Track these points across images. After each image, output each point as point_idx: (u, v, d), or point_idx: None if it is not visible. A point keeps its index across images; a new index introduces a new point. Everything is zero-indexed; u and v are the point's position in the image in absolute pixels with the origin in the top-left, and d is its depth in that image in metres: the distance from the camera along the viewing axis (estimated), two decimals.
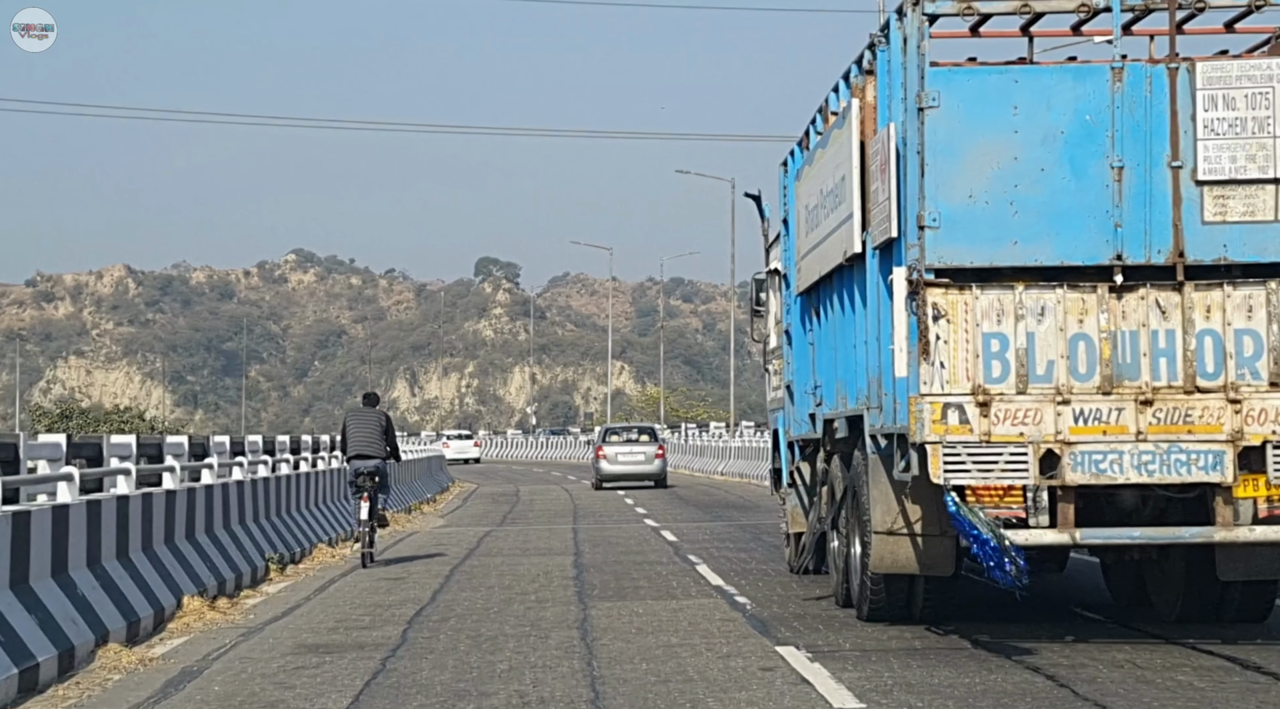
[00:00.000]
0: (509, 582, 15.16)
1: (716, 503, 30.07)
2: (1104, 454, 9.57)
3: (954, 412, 9.66)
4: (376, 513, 17.50)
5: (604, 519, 25.69)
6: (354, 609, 13.16)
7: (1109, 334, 9.62)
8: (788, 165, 14.69)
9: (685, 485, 38.81)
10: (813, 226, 12.94)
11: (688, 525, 23.19)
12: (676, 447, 55.07)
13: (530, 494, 36.21)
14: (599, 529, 23.00)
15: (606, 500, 32.05)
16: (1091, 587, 13.57)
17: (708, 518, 25.12)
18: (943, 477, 9.62)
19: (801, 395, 14.05)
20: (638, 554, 18.10)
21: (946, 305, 9.73)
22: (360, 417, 17.83)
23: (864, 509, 11.16)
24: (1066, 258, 9.67)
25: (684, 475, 46.66)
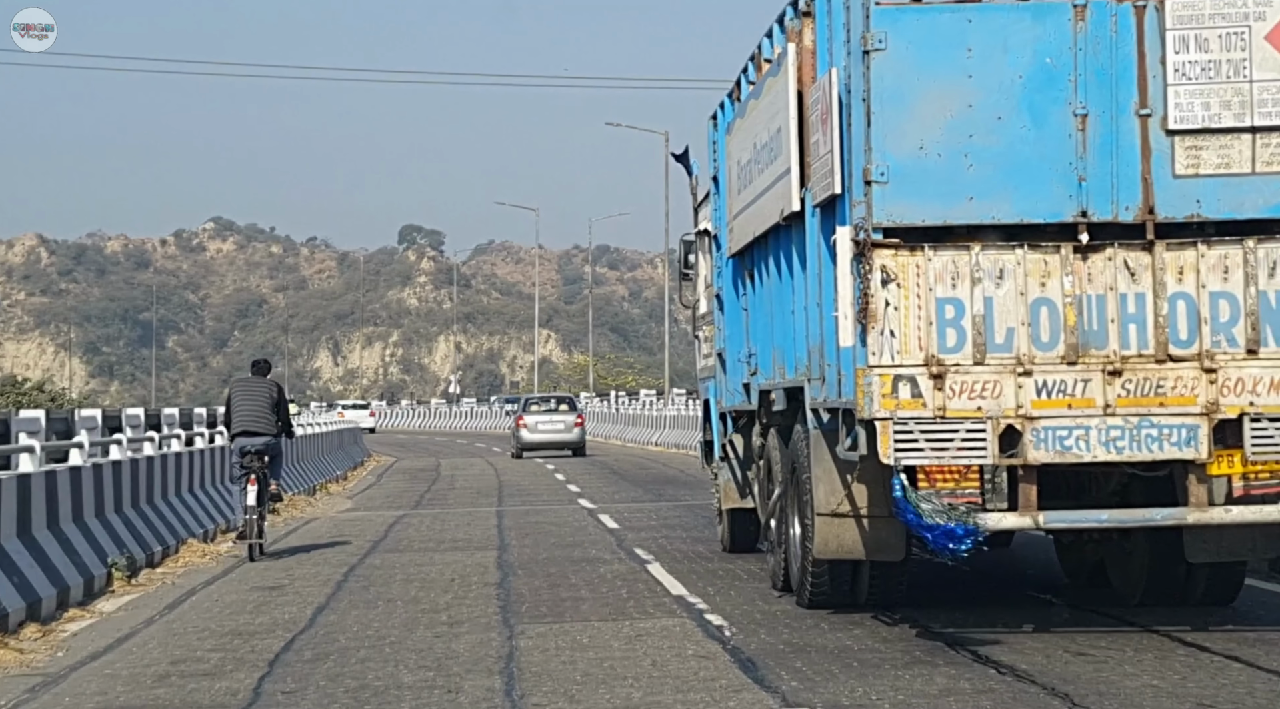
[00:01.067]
0: (416, 591, 12.15)
1: (655, 478, 27.73)
2: (1069, 430, 8.76)
3: (905, 384, 8.82)
4: (267, 497, 15.20)
5: (533, 499, 23.15)
6: (204, 639, 10.05)
7: (1074, 298, 8.80)
8: (717, 119, 13.77)
9: (619, 458, 36.82)
10: (746, 184, 12.05)
11: (628, 507, 20.70)
12: (607, 416, 53.70)
13: (452, 469, 33.92)
14: (528, 513, 20.31)
15: (534, 476, 29.79)
16: (1043, 562, 12.82)
17: (649, 497, 22.75)
18: (893, 456, 8.78)
19: (734, 364, 13.19)
20: (575, 547, 15.38)
21: (896, 268, 8.87)
22: (248, 388, 15.40)
23: (805, 489, 10.32)
24: (1027, 215, 8.84)
25: (616, 447, 44.99)
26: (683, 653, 9.04)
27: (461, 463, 36.89)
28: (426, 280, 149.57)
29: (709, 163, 14.18)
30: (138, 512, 14.51)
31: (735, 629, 9.81)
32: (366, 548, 15.96)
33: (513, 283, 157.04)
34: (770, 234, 11.32)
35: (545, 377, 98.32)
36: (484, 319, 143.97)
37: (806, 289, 10.26)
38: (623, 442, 47.33)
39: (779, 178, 10.64)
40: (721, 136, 13.44)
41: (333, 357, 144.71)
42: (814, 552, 10.05)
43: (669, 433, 41.81)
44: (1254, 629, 9.35)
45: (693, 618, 10.39)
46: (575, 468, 32.18)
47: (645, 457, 37.26)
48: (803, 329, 10.48)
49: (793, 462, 10.80)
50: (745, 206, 12.07)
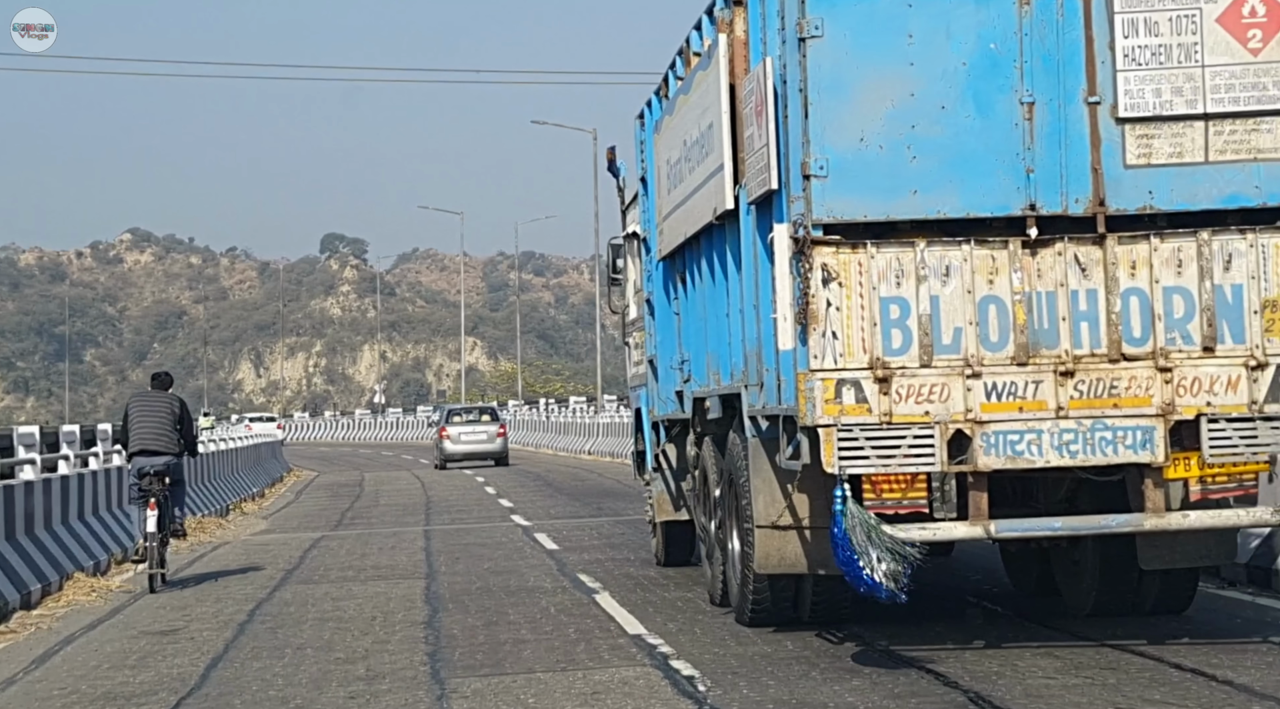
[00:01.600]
0: (330, 634, 10.56)
1: (592, 491, 26.06)
2: (1020, 434, 8.35)
3: (849, 389, 8.38)
4: (170, 524, 13.92)
5: (462, 516, 21.64)
6: (70, 707, 8.58)
7: (1023, 296, 8.39)
8: (644, 118, 13.30)
9: (552, 468, 35.40)
10: (676, 183, 11.58)
11: (566, 524, 19.23)
12: (537, 424, 52.71)
13: (376, 483, 32.50)
14: (458, 532, 18.76)
15: (463, 490, 28.26)
16: (987, 569, 12.45)
17: (587, 512, 21.23)
18: (837, 465, 8.33)
19: (666, 371, 12.71)
20: (512, 574, 13.90)
21: (838, 266, 8.42)
22: (147, 403, 14.07)
23: (744, 500, 9.86)
24: (973, 209, 8.42)
25: (548, 456, 43.45)
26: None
27: (386, 476, 35.71)
28: (350, 289, 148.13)
29: (636, 163, 13.70)
30: (13, 545, 13.11)
31: (710, 682, 8.30)
32: (278, 578, 14.52)
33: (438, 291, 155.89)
34: (702, 235, 10.86)
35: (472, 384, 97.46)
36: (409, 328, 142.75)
37: (742, 291, 9.80)
38: (554, 450, 46.02)
39: (711, 175, 10.19)
40: (649, 135, 12.97)
41: (255, 368, 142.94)
42: (754, 566, 9.59)
43: (602, 441, 40.83)
44: (1211, 642, 8.98)
45: (656, 665, 8.89)
46: (506, 480, 30.84)
47: (579, 466, 35.95)
48: (739, 333, 10.03)
49: (730, 472, 10.35)
50: (675, 207, 11.60)
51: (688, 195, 11.09)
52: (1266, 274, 8.21)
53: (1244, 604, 10.45)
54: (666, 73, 12.19)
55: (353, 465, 43.31)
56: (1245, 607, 10.35)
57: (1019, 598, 11.09)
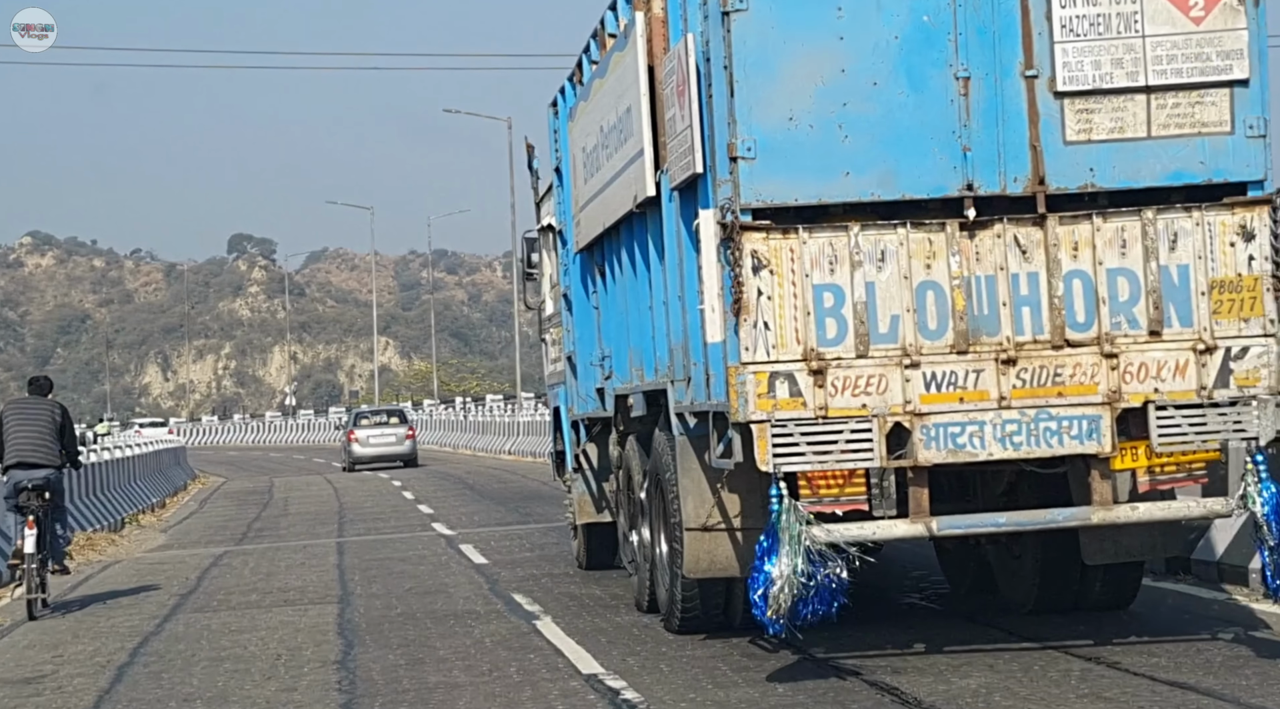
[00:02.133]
0: (225, 679, 9.09)
1: (518, 494, 24.33)
2: (962, 426, 7.95)
3: (783, 382, 7.94)
4: (49, 542, 12.63)
5: (379, 524, 20.14)
6: None
7: (962, 281, 7.99)
8: (558, 105, 12.82)
9: (472, 470, 33.92)
10: (593, 172, 11.10)
11: (492, 532, 17.64)
12: (454, 424, 51.50)
13: (286, 489, 30.82)
14: (374, 544, 17.16)
15: (379, 495, 26.83)
16: (923, 566, 12.08)
17: (514, 518, 19.74)
18: (772, 463, 7.89)
19: (586, 368, 12.24)
20: (438, 595, 12.36)
21: (769, 253, 7.98)
22: (24, 410, 12.82)
23: (671, 502, 9.41)
24: (909, 190, 8.01)
25: (466, 457, 41.98)
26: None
27: (297, 482, 34.23)
28: (259, 290, 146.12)
29: (550, 153, 13.22)
30: None
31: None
32: (170, 605, 12.87)
33: (349, 290, 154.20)
34: (622, 224, 10.39)
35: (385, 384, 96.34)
36: (320, 328, 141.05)
37: (666, 282, 9.35)
38: (473, 451, 44.42)
39: (630, 161, 9.72)
40: (563, 123, 12.48)
41: (163, 372, 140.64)
42: (684, 571, 9.14)
43: (523, 440, 39.54)
44: (1158, 640, 8.63)
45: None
46: (424, 484, 29.31)
47: (500, 467, 34.42)
48: (663, 326, 9.57)
49: (656, 472, 9.88)
50: (593, 197, 11.13)
51: (605, 184, 10.62)
52: (1213, 254, 7.88)
53: (1188, 598, 10.15)
54: (580, 57, 11.71)
55: (262, 470, 41.94)
56: (1190, 601, 10.05)
57: (957, 596, 10.72)
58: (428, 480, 30.82)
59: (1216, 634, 8.65)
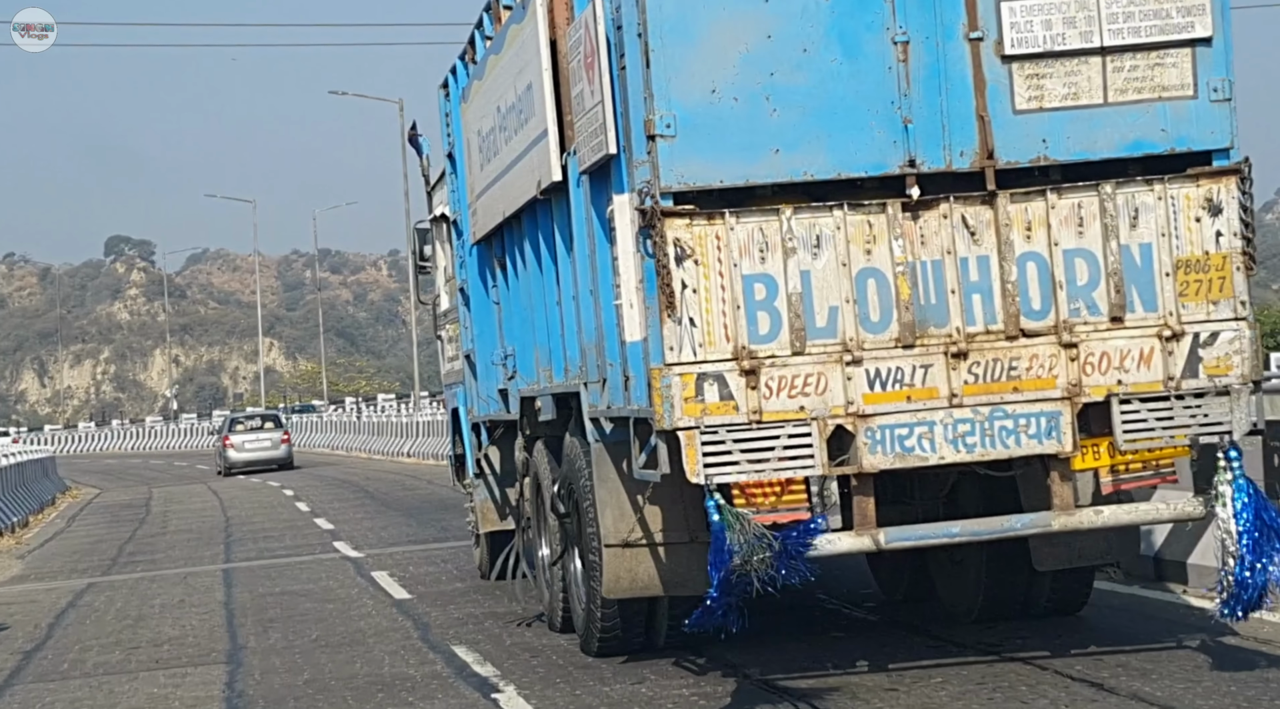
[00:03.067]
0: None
1: (426, 503, 21.84)
2: (910, 427, 7.21)
3: (712, 384, 7.15)
4: None
5: (272, 543, 17.65)
6: None
7: (906, 267, 7.25)
8: (449, 87, 11.93)
9: (370, 475, 31.80)
10: (490, 157, 10.25)
11: (408, 554, 15.20)
12: (347, 425, 49.37)
13: (166, 501, 28.40)
14: (268, 571, 14.79)
15: (270, 507, 24.28)
16: (846, 568, 11.36)
17: (429, 533, 17.17)
18: (703, 474, 7.11)
19: (487, 367, 11.38)
20: (355, 647, 9.94)
21: (693, 241, 7.18)
22: None
23: (587, 515, 8.60)
24: (845, 168, 7.25)
25: (361, 460, 39.92)
26: None
27: (178, 492, 31.90)
28: (138, 293, 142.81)
29: (442, 139, 12.31)
30: None
31: None
32: (10, 668, 10.36)
33: (231, 292, 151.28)
34: (524, 213, 9.55)
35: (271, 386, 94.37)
36: (202, 330, 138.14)
37: (576, 275, 8.52)
38: (368, 453, 42.35)
39: (533, 144, 8.89)
40: (455, 106, 11.60)
41: (39, 378, 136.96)
42: (603, 590, 8.33)
43: (423, 442, 37.17)
44: (1117, 650, 7.98)
45: None
46: (319, 492, 26.89)
47: (401, 472, 32.12)
48: (574, 323, 8.75)
49: (569, 482, 9.06)
50: (490, 183, 10.27)
51: (504, 169, 9.77)
52: (1178, 230, 7.21)
53: (1136, 599, 9.54)
54: (473, 33, 10.84)
55: (141, 479, 39.67)
56: (1140, 602, 9.44)
57: (892, 604, 10.02)
58: (323, 488, 28.70)
59: (1182, 641, 8.01)
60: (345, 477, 32.50)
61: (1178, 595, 9.48)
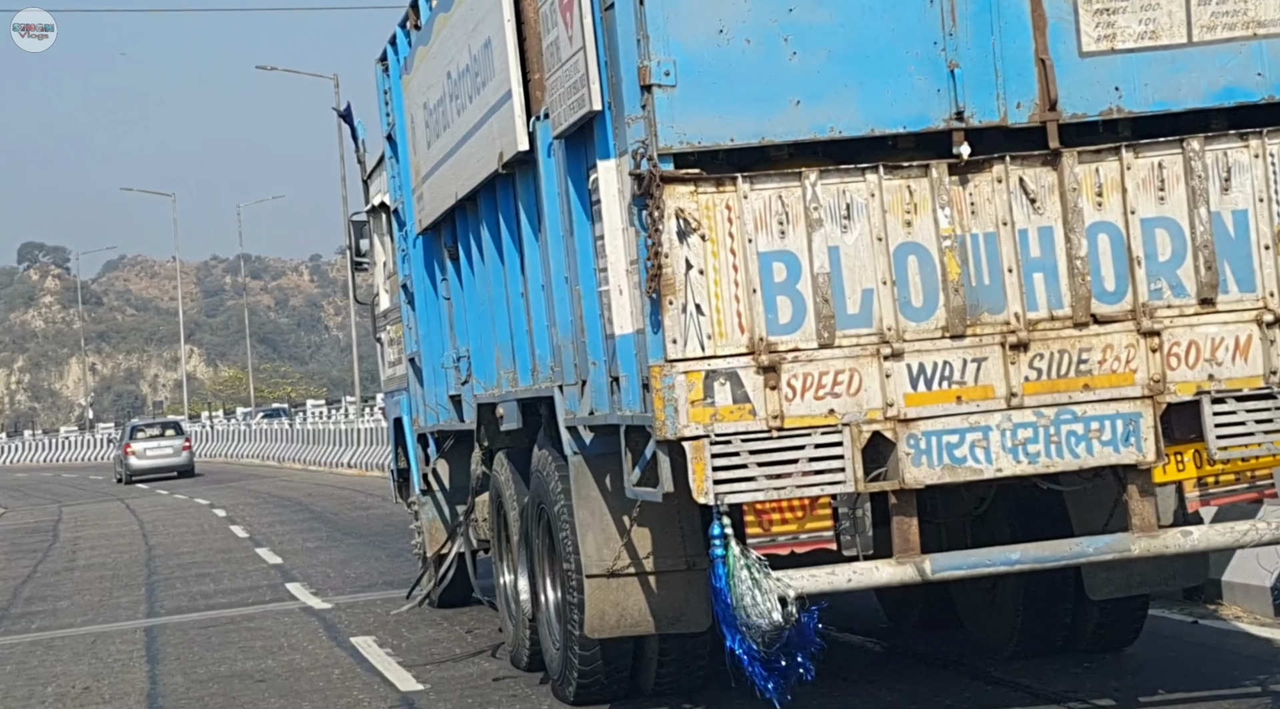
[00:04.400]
0: None
1: (386, 527, 18.06)
2: (960, 434, 6.01)
3: (724, 384, 5.92)
4: None
5: (207, 586, 14.11)
6: None
7: (954, 241, 6.05)
8: (388, 60, 10.64)
9: (312, 489, 28.30)
10: (438, 132, 8.98)
11: (387, 601, 11.77)
12: (278, 434, 46.12)
13: (77, 523, 24.51)
14: (206, 632, 11.19)
15: (199, 532, 20.65)
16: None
17: (405, 570, 12.96)
18: (713, 493, 5.87)
19: (435, 371, 10.10)
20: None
21: (699, 212, 5.95)
22: None
23: (564, 539, 7.35)
24: (879, 123, 6.04)
25: (298, 472, 36.61)
26: None
27: (91, 512, 27.91)
28: (53, 300, 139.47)
29: (381, 119, 11.02)
30: None
31: None
32: None
33: (149, 299, 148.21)
34: (482, 193, 8.30)
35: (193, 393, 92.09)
36: (119, 338, 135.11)
37: (547, 261, 7.26)
38: (304, 463, 38.81)
39: (492, 110, 7.64)
40: (396, 81, 10.31)
41: None
42: (585, 628, 7.07)
43: (365, 451, 33.85)
44: (1196, 697, 6.80)
45: None
46: (256, 512, 23.38)
47: (345, 486, 28.55)
48: (543, 317, 7.50)
49: (539, 501, 7.80)
50: (439, 163, 9.00)
51: (457, 144, 8.51)
52: (1279, 194, 6.05)
53: (1192, 630, 8.36)
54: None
55: (52, 496, 35.96)
56: (1196, 633, 8.27)
57: (904, 632, 8.82)
58: (259, 507, 24.82)
59: (1269, 685, 6.86)
60: (282, 492, 28.98)
61: (1230, 622, 8.36)
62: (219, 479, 35.97)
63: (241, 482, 34.28)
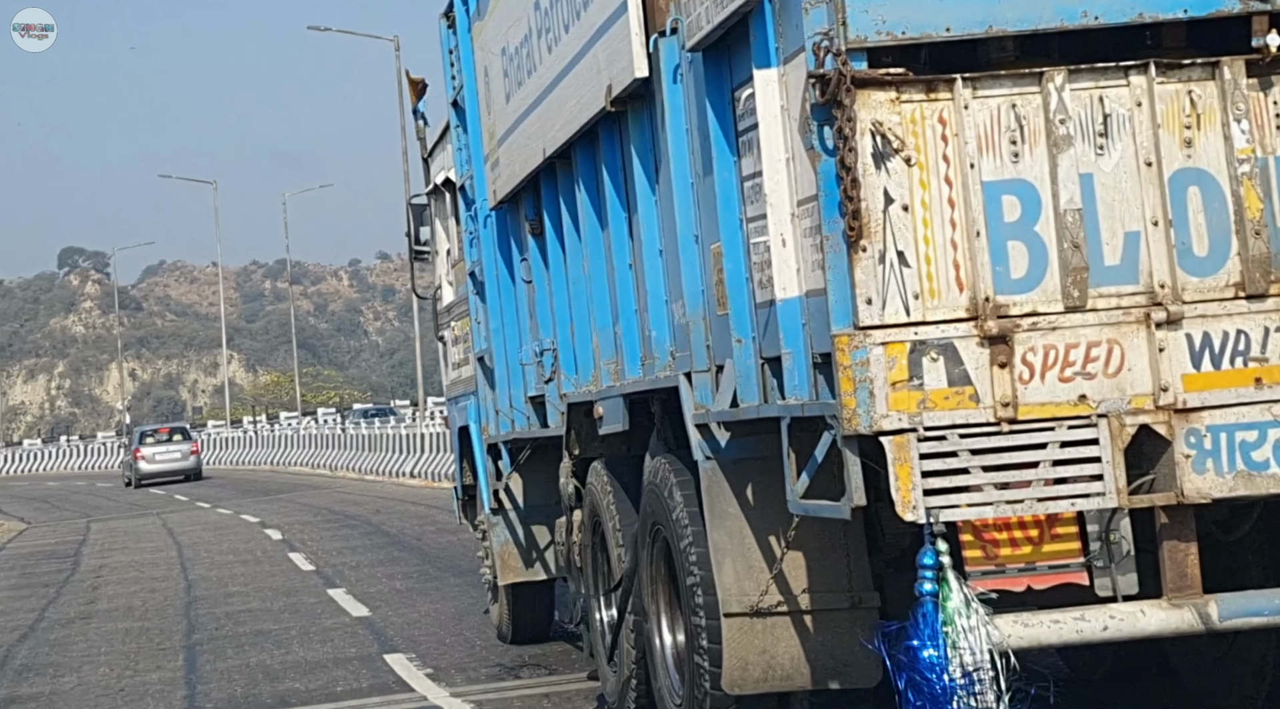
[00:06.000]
0: None
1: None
2: (1261, 430, 4.42)
3: (937, 360, 4.36)
4: None
5: (264, 642, 10.57)
6: None
7: (1253, 166, 4.46)
8: (453, 13, 9.04)
9: (376, 503, 23.98)
10: (520, 79, 7.48)
11: (502, 668, 8.79)
12: (327, 439, 41.74)
13: (104, 545, 20.86)
14: (268, 695, 8.54)
15: (251, 557, 17.11)
16: None
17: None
18: (922, 507, 4.31)
19: (510, 370, 8.57)
20: None
21: (904, 127, 4.38)
22: None
23: (689, 568, 5.79)
24: (1150, 6, 4.46)
25: (353, 482, 32.53)
26: None
27: (123, 529, 23.88)
28: (93, 306, 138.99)
29: (446, 83, 9.44)
30: None
31: None
32: None
33: (189, 304, 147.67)
34: (577, 146, 6.78)
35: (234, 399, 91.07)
36: (159, 343, 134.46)
37: (670, 217, 5.71)
38: (359, 473, 34.40)
39: (597, 34, 6.13)
40: (464, 34, 8.79)
41: None
42: (724, 681, 5.51)
43: (432, 458, 29.56)
44: None
45: None
46: (316, 533, 19.56)
47: (414, 499, 24.12)
48: (661, 289, 5.98)
49: (653, 520, 6.23)
50: (521, 118, 7.49)
51: (545, 90, 7.00)
52: None
53: None
54: None
55: (81, 508, 32.06)
56: None
57: (1090, 683, 7.18)
58: (319, 527, 20.62)
59: None
60: (343, 507, 24.13)
61: None
62: (265, 490, 32.02)
63: (292, 493, 30.00)
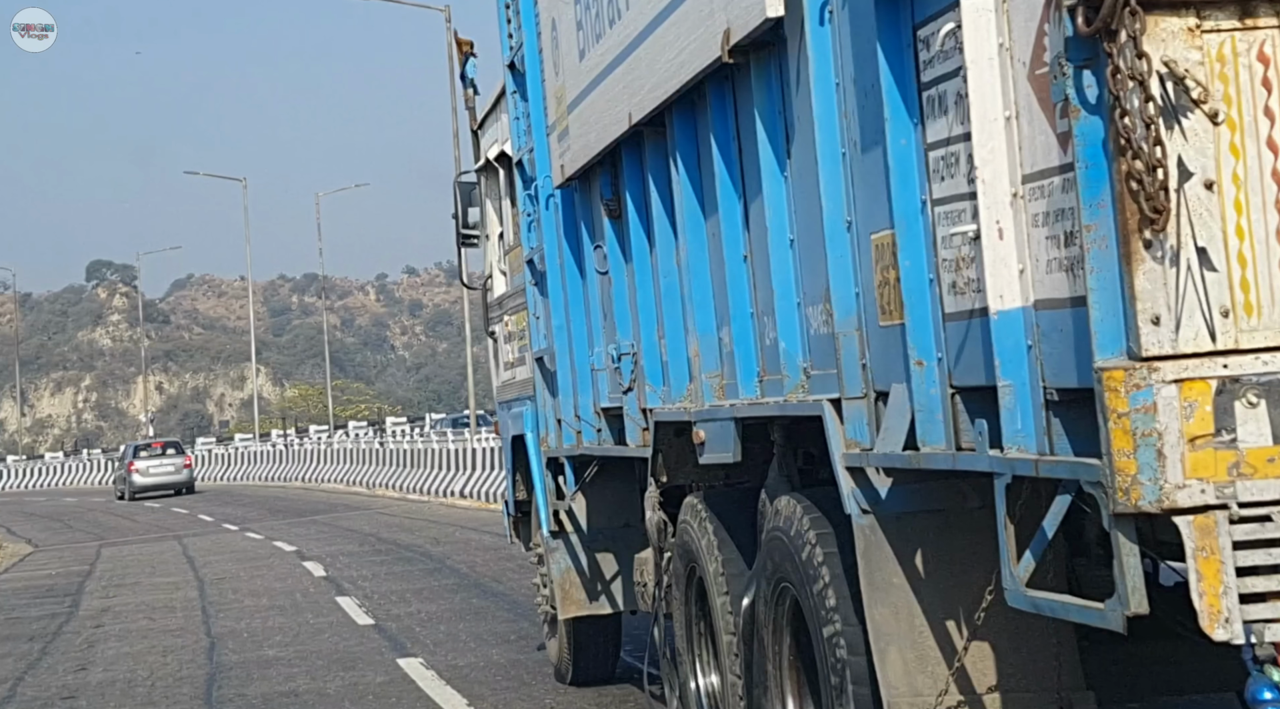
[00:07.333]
0: None
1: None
2: None
3: (1256, 404, 3.08)
4: None
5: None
6: None
7: None
8: None
9: (428, 529, 20.99)
10: (599, 32, 6.26)
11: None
12: (361, 454, 37.63)
13: (112, 576, 18.14)
14: None
15: (289, 603, 13.70)
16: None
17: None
18: (1238, 622, 3.03)
19: (577, 373, 7.34)
20: None
21: (1206, 69, 3.10)
22: None
23: (835, 646, 4.52)
24: None
25: (394, 501, 29.59)
26: None
27: (136, 558, 20.72)
28: (120, 319, 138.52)
29: (502, 43, 8.23)
30: None
31: None
32: None
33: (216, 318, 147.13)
34: (674, 109, 5.52)
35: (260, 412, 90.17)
36: (186, 357, 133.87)
37: (816, 198, 4.44)
38: (401, 492, 31.28)
39: None
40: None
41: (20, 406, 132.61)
42: None
43: (483, 477, 26.64)
44: None
45: None
46: (366, 566, 16.30)
47: (472, 524, 21.06)
48: (791, 290, 4.73)
49: (779, 578, 4.97)
50: (599, 78, 6.25)
51: (633, 42, 5.77)
52: None
53: None
54: None
55: (94, 529, 28.93)
56: None
57: None
58: (368, 558, 17.47)
59: None
60: (392, 534, 20.99)
61: None
62: (300, 510, 28.81)
63: (330, 515, 26.71)
